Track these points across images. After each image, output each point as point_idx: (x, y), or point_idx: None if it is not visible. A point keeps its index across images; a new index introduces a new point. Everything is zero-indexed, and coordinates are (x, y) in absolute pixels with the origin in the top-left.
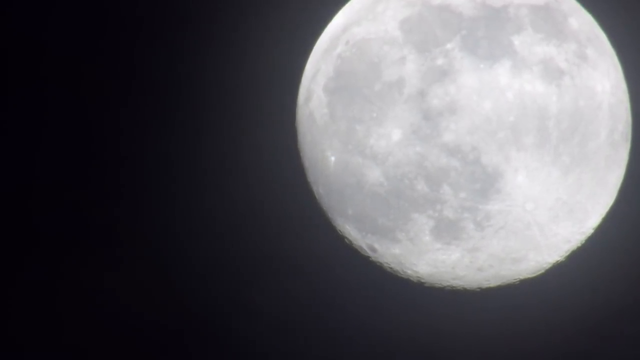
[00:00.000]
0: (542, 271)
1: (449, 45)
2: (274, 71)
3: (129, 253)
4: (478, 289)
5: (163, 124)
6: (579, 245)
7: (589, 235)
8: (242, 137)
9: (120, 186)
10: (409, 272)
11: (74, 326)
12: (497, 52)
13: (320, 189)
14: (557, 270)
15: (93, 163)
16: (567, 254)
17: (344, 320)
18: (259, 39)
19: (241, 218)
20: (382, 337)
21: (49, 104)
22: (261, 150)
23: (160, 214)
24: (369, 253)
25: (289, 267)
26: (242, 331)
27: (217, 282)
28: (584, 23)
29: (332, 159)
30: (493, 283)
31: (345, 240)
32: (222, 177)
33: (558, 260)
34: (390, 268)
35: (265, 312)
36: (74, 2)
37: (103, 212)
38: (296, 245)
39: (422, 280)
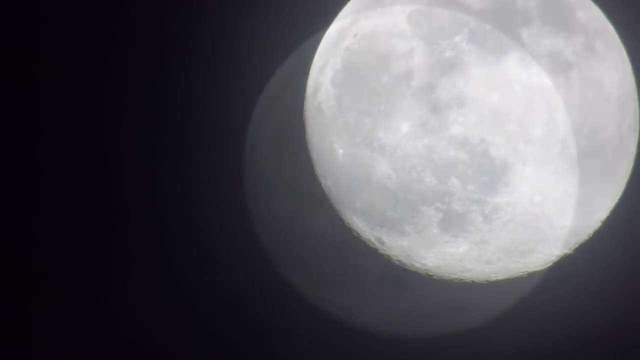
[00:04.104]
0: (550, 264)
1: (457, 38)
2: (282, 63)
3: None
4: (486, 282)
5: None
6: (587, 238)
7: (597, 228)
8: (248, 130)
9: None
10: (417, 264)
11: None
12: (505, 45)
13: (328, 182)
14: (565, 263)
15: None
16: (575, 246)
17: (350, 314)
18: (267, 31)
19: (245, 211)
20: (389, 330)
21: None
22: (268, 143)
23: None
24: (377, 245)
25: (295, 259)
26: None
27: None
28: (592, 16)
29: (340, 151)
30: (501, 276)
31: (354, 232)
32: (226, 170)
33: (566, 253)
34: (399, 261)
35: (266, 306)
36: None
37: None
38: (302, 238)
39: (430, 273)
